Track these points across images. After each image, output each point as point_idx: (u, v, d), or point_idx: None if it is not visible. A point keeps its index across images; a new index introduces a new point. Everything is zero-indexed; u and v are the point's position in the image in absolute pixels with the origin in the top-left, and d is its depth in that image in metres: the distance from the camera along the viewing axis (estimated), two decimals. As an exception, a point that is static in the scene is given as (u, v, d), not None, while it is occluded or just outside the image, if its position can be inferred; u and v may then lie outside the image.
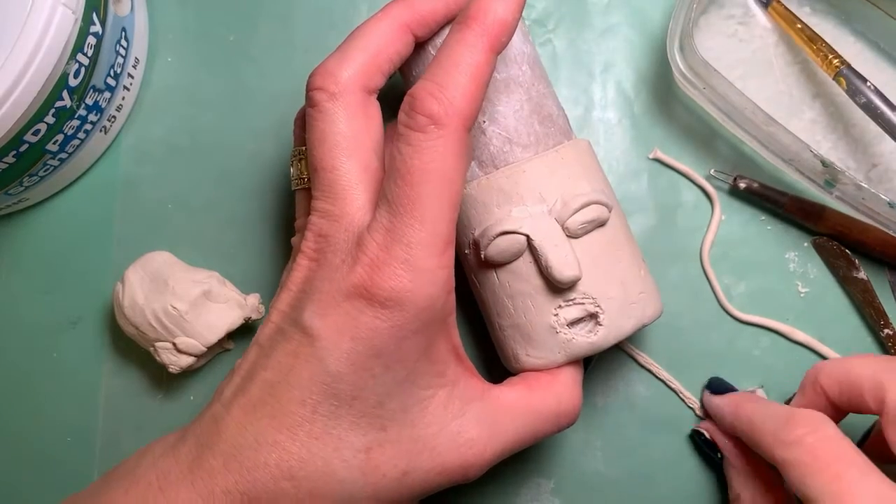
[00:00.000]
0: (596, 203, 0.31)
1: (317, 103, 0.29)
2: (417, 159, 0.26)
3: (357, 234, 0.28)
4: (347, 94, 0.29)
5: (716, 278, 0.39)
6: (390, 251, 0.26)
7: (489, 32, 0.28)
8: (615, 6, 0.41)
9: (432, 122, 0.27)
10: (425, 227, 0.27)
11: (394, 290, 0.26)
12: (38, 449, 0.38)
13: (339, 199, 0.28)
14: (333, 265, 0.28)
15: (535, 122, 0.33)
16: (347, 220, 0.28)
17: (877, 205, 0.35)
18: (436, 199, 0.27)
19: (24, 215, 0.40)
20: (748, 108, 0.36)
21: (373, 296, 0.26)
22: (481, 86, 0.28)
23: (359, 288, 0.27)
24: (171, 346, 0.36)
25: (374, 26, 0.30)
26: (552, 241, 0.31)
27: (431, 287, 0.27)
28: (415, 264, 0.26)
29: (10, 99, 0.31)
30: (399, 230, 0.26)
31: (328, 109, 0.29)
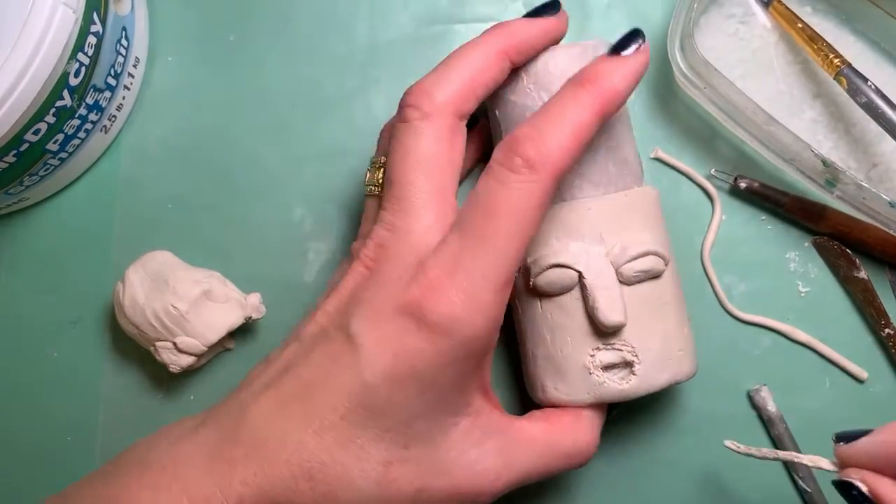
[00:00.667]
0: (654, 254, 0.32)
1: (408, 119, 0.30)
2: (504, 197, 0.27)
3: (418, 253, 0.28)
4: (439, 116, 0.30)
5: (716, 278, 0.39)
6: (452, 277, 0.27)
7: (602, 97, 0.28)
8: (615, 6, 0.41)
9: (526, 165, 0.27)
10: (492, 261, 0.27)
11: (446, 316, 0.26)
12: (38, 448, 0.38)
13: (408, 215, 0.29)
14: (390, 278, 0.28)
15: (610, 163, 0.33)
16: (412, 237, 0.29)
17: (877, 204, 0.35)
18: (510, 238, 0.27)
19: (24, 215, 0.40)
20: (749, 107, 0.36)
21: (424, 317, 0.27)
22: (580, 144, 0.28)
23: (411, 306, 0.27)
24: (172, 345, 0.36)
25: (473, 51, 0.31)
26: (604, 283, 0.31)
27: (482, 320, 0.27)
28: (473, 295, 0.27)
29: (11, 98, 0.31)
30: (466, 259, 0.27)
31: (418, 128, 0.29)
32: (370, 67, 0.41)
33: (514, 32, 0.31)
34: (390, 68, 0.41)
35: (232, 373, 0.39)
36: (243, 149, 0.40)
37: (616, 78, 0.29)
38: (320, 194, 0.40)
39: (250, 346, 0.39)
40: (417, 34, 0.41)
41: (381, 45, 0.41)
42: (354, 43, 0.41)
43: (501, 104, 0.34)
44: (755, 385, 0.38)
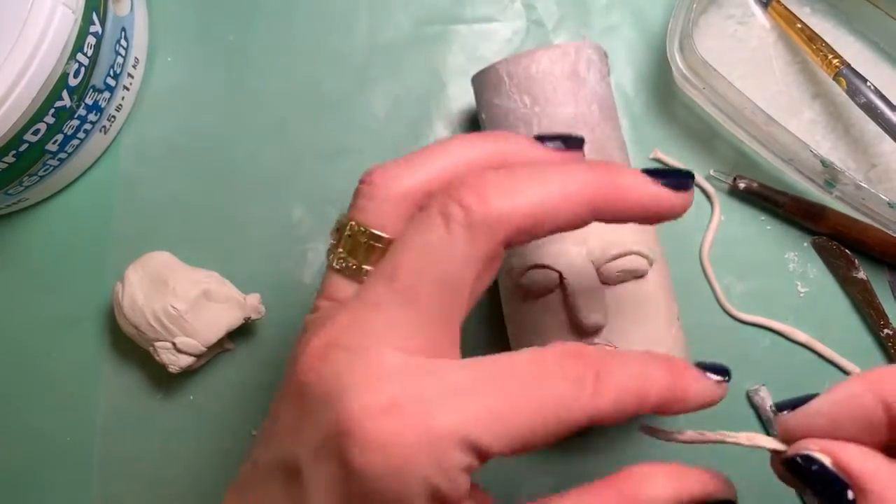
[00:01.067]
0: (636, 254, 0.32)
1: (449, 216, 0.22)
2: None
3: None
4: (488, 231, 0.23)
5: (715, 278, 0.39)
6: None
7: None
8: (615, 6, 0.41)
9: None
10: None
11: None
12: (37, 449, 0.38)
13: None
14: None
15: None
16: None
17: (876, 205, 0.35)
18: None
19: (24, 215, 0.40)
20: (748, 107, 0.36)
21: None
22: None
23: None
24: (171, 345, 0.36)
25: (559, 174, 0.24)
26: (584, 283, 0.31)
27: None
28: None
29: (10, 99, 0.31)
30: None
31: (455, 236, 0.22)
32: (370, 67, 0.41)
33: (620, 186, 0.24)
34: (390, 68, 0.41)
35: (231, 373, 0.39)
36: (243, 149, 0.40)
37: (692, 389, 0.24)
38: (320, 194, 0.40)
39: (250, 346, 0.39)
40: (417, 34, 0.41)
41: (380, 45, 0.41)
42: (354, 43, 0.41)
43: (486, 108, 0.34)
44: (754, 385, 0.38)
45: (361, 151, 0.40)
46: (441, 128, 0.41)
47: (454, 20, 0.42)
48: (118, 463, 0.38)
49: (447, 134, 0.41)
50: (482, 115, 0.35)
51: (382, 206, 0.24)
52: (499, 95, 0.33)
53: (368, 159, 0.40)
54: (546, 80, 0.33)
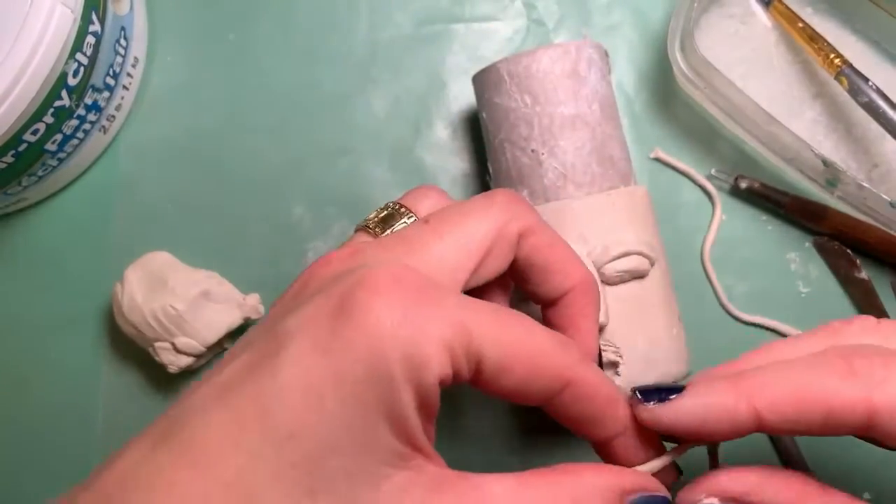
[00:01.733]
0: (636, 254, 0.31)
1: (501, 208, 0.26)
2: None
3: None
4: (510, 239, 0.26)
5: (717, 278, 0.39)
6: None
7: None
8: (615, 6, 0.41)
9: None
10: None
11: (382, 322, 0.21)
12: (37, 449, 0.38)
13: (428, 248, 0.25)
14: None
15: (594, 162, 0.33)
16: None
17: (878, 205, 0.35)
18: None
19: (24, 215, 0.40)
20: (749, 107, 0.36)
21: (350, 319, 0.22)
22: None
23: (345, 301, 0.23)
24: (171, 345, 0.36)
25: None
26: None
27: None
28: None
29: (9, 98, 0.31)
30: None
31: (497, 217, 0.25)
32: (370, 67, 0.41)
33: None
34: (390, 68, 0.41)
35: (231, 373, 0.39)
36: (242, 149, 0.40)
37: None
38: (320, 194, 0.40)
39: (249, 346, 0.39)
40: (417, 34, 0.41)
41: (380, 45, 0.41)
42: (354, 43, 0.41)
43: (487, 107, 0.34)
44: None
45: (361, 151, 0.40)
46: (441, 128, 0.41)
47: (454, 20, 0.42)
48: (118, 463, 0.38)
49: (447, 134, 0.40)
50: (483, 115, 0.35)
51: (425, 202, 0.27)
52: (499, 94, 0.33)
53: (368, 159, 0.40)
54: (546, 79, 0.33)
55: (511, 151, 0.33)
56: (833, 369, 0.22)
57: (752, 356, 0.25)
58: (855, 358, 0.22)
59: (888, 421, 0.21)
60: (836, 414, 0.22)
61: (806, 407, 0.22)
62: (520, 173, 0.33)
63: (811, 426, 0.22)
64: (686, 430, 0.23)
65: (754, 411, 0.22)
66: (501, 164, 0.34)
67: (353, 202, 0.40)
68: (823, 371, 0.22)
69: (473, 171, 0.40)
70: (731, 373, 0.23)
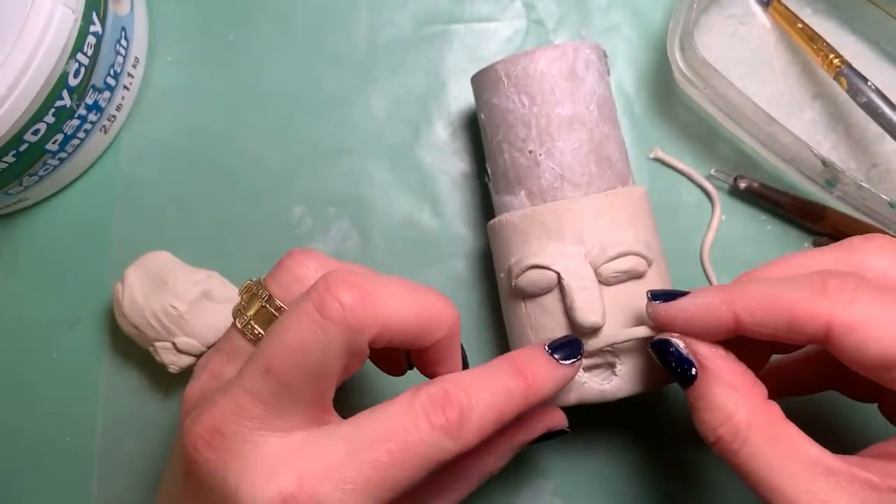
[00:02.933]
0: (634, 254, 0.31)
1: (325, 313, 0.24)
2: (417, 448, 0.24)
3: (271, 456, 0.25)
4: (361, 331, 0.25)
5: (716, 278, 0.39)
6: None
7: (529, 394, 0.27)
8: (615, 6, 0.41)
9: (450, 426, 0.25)
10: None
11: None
12: (37, 449, 0.38)
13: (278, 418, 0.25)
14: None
15: (592, 163, 0.33)
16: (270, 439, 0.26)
17: (877, 205, 0.35)
18: (394, 486, 0.25)
19: (24, 215, 0.40)
20: (748, 107, 0.36)
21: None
22: (496, 423, 0.26)
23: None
24: (171, 345, 0.36)
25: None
26: (581, 283, 0.31)
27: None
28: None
29: (10, 98, 0.31)
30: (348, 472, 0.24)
31: (329, 333, 0.25)
32: (370, 67, 0.41)
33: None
34: (390, 68, 0.41)
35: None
36: (243, 149, 0.40)
37: (547, 383, 0.28)
38: (320, 194, 0.40)
39: (250, 346, 0.39)
40: (417, 34, 0.41)
41: (380, 45, 0.41)
42: (354, 43, 0.41)
43: (485, 108, 0.34)
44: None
45: (361, 151, 0.40)
46: (441, 128, 0.41)
47: (454, 20, 0.42)
48: (118, 463, 0.38)
49: (447, 134, 0.41)
50: (481, 116, 0.35)
51: (293, 286, 0.28)
52: (497, 95, 0.33)
53: (368, 159, 0.40)
54: (544, 79, 0.33)
55: (509, 152, 0.33)
56: (808, 285, 0.25)
57: (773, 263, 0.29)
58: (832, 278, 0.25)
59: (842, 337, 0.25)
60: (798, 322, 0.25)
61: (774, 312, 0.26)
62: (517, 174, 0.33)
63: (777, 330, 0.26)
64: (681, 325, 0.28)
65: (733, 313, 0.26)
66: (499, 164, 0.34)
67: (353, 202, 0.40)
68: (798, 286, 0.26)
69: (473, 171, 0.40)
70: (725, 285, 0.28)
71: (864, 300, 0.25)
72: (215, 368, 0.29)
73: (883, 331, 0.24)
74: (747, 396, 0.27)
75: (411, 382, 0.27)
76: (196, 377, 0.29)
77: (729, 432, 0.26)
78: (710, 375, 0.27)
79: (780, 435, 0.26)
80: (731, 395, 0.27)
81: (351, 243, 0.40)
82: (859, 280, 0.25)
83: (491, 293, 0.39)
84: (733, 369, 0.27)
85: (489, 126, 0.34)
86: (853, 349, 0.25)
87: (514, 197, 0.34)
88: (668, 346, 0.28)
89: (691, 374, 0.27)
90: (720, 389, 0.27)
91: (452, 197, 0.40)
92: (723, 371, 0.27)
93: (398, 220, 0.40)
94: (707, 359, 0.27)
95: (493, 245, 0.35)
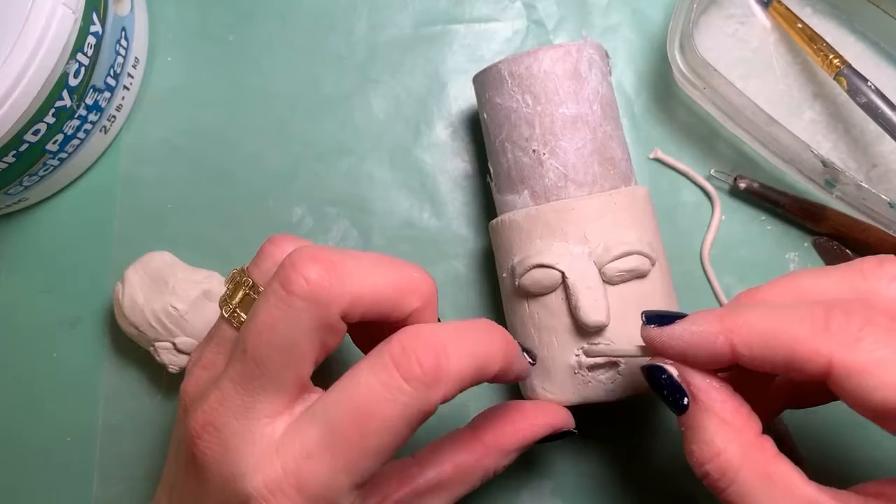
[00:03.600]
0: (638, 254, 0.31)
1: (291, 291, 0.25)
2: (386, 409, 0.24)
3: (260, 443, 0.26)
4: (330, 306, 0.25)
5: (716, 278, 0.39)
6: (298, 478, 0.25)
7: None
8: (615, 6, 0.41)
9: (424, 378, 0.24)
10: (346, 470, 0.25)
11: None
12: (38, 449, 0.38)
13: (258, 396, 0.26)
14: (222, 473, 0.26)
15: (595, 163, 0.33)
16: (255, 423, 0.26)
17: (877, 205, 0.35)
18: (375, 454, 0.25)
19: (24, 215, 0.40)
20: (748, 108, 0.36)
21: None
22: (476, 377, 0.26)
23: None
24: (171, 345, 0.36)
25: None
26: (586, 282, 0.31)
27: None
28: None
29: (10, 99, 0.31)
30: (322, 462, 0.25)
31: (297, 310, 0.25)
32: (370, 68, 0.41)
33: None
34: (390, 68, 0.41)
35: (231, 373, 0.39)
36: (243, 149, 0.40)
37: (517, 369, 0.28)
38: (320, 194, 0.40)
39: (250, 346, 0.39)
40: (417, 34, 0.41)
41: (380, 45, 0.41)
42: (354, 43, 0.41)
43: (488, 107, 0.34)
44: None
45: (361, 151, 0.40)
46: (441, 128, 0.41)
47: (454, 20, 0.42)
48: (118, 463, 0.38)
49: (447, 134, 0.41)
50: (484, 115, 0.35)
51: (274, 270, 0.26)
52: (500, 95, 0.34)
53: (368, 159, 0.40)
54: (548, 79, 0.33)
55: (512, 152, 0.33)
56: (809, 320, 0.24)
57: (775, 284, 0.27)
58: (836, 313, 0.24)
59: (843, 380, 0.23)
60: (797, 360, 0.24)
61: (772, 348, 0.24)
62: (521, 174, 0.33)
63: (776, 366, 0.24)
64: (675, 352, 0.26)
65: (731, 344, 0.25)
66: (502, 164, 0.34)
67: (353, 202, 0.40)
68: (799, 320, 0.24)
69: (473, 171, 0.40)
70: (724, 309, 0.26)
71: (870, 340, 0.23)
72: (206, 360, 0.29)
73: (888, 377, 0.23)
74: (739, 431, 0.25)
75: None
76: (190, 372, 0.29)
77: (717, 469, 0.26)
78: (702, 407, 0.26)
79: (773, 474, 0.25)
80: (722, 429, 0.26)
81: (351, 243, 0.40)
82: (867, 316, 0.23)
83: (491, 293, 0.39)
84: (726, 402, 0.26)
85: (492, 125, 0.34)
86: (854, 394, 0.23)
87: (517, 196, 0.34)
88: (661, 373, 0.27)
89: (683, 403, 0.27)
90: (711, 423, 0.26)
91: (452, 197, 0.40)
92: (715, 403, 0.26)
93: (398, 220, 0.40)
94: (699, 390, 0.26)
95: (496, 244, 0.35)
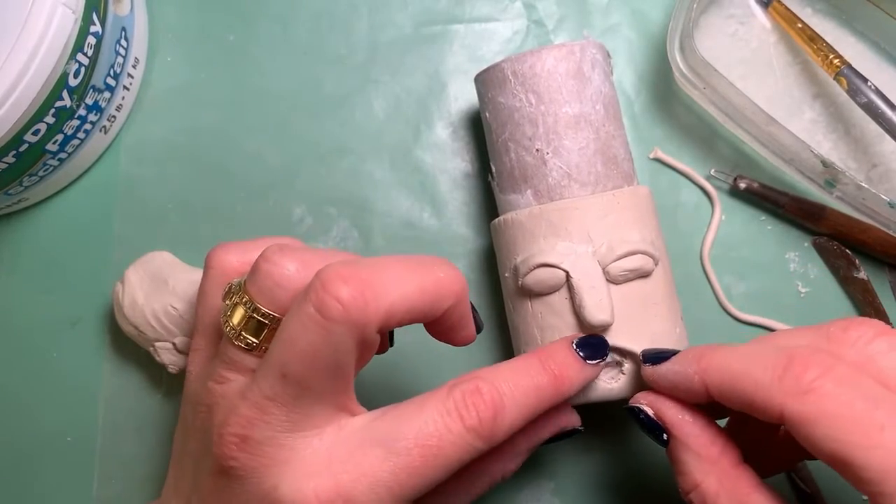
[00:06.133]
0: (642, 253, 0.31)
1: (327, 315, 0.24)
2: (448, 445, 0.25)
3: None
4: (365, 325, 0.25)
5: (716, 278, 0.39)
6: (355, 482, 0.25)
7: (558, 388, 0.28)
8: (615, 6, 0.41)
9: (480, 424, 0.25)
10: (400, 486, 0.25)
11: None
12: (38, 449, 0.38)
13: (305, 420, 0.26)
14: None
15: (599, 162, 0.33)
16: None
17: (877, 205, 0.35)
18: (426, 478, 0.25)
19: (24, 215, 0.40)
20: (748, 107, 0.36)
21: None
22: (527, 414, 0.27)
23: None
24: (171, 345, 0.36)
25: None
26: (590, 282, 0.31)
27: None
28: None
29: (11, 99, 0.31)
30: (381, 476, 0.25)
31: (333, 332, 0.24)
32: (370, 68, 0.41)
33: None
34: (390, 68, 0.41)
35: (231, 373, 0.39)
36: (243, 149, 0.40)
37: (575, 383, 0.29)
38: (320, 194, 0.40)
39: (250, 346, 0.39)
40: (417, 34, 0.41)
41: (380, 45, 0.41)
42: (354, 43, 0.41)
43: (491, 106, 0.34)
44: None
45: (361, 151, 0.40)
46: (441, 128, 0.41)
47: (454, 20, 0.42)
48: (118, 463, 0.38)
49: (447, 134, 0.41)
50: (486, 114, 0.35)
51: (277, 291, 0.26)
52: (504, 94, 0.33)
53: (368, 159, 0.40)
54: (551, 78, 0.33)
55: (515, 151, 0.33)
56: (770, 368, 0.25)
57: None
58: (796, 362, 0.24)
59: (795, 429, 0.24)
60: (756, 405, 0.25)
61: (736, 392, 0.25)
62: (524, 173, 0.33)
63: (742, 408, 0.25)
64: (665, 389, 0.29)
65: (704, 385, 0.26)
66: (505, 163, 0.34)
67: (353, 202, 0.40)
68: (762, 366, 0.25)
69: (473, 171, 0.40)
70: (702, 349, 0.27)
71: (820, 393, 0.23)
72: (218, 375, 0.27)
73: (834, 430, 0.23)
74: (715, 463, 0.27)
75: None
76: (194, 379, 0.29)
77: (698, 499, 0.27)
78: (677, 442, 0.28)
79: (750, 503, 0.26)
80: (697, 462, 0.27)
81: (351, 243, 0.40)
82: (827, 365, 0.24)
83: (492, 293, 0.39)
84: (700, 435, 0.27)
85: (495, 124, 0.34)
86: (805, 442, 0.24)
87: (520, 195, 0.34)
88: (639, 413, 0.29)
89: (663, 438, 0.29)
90: (688, 456, 0.27)
91: (452, 197, 0.40)
92: (689, 438, 0.28)
93: (398, 220, 0.40)
94: (673, 426, 0.28)
95: (498, 244, 0.35)
